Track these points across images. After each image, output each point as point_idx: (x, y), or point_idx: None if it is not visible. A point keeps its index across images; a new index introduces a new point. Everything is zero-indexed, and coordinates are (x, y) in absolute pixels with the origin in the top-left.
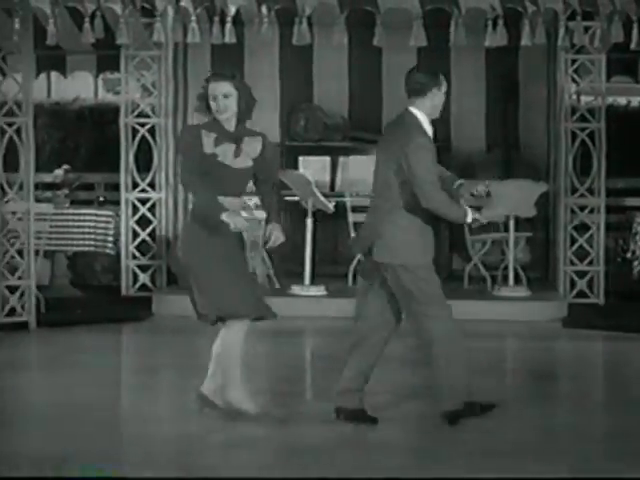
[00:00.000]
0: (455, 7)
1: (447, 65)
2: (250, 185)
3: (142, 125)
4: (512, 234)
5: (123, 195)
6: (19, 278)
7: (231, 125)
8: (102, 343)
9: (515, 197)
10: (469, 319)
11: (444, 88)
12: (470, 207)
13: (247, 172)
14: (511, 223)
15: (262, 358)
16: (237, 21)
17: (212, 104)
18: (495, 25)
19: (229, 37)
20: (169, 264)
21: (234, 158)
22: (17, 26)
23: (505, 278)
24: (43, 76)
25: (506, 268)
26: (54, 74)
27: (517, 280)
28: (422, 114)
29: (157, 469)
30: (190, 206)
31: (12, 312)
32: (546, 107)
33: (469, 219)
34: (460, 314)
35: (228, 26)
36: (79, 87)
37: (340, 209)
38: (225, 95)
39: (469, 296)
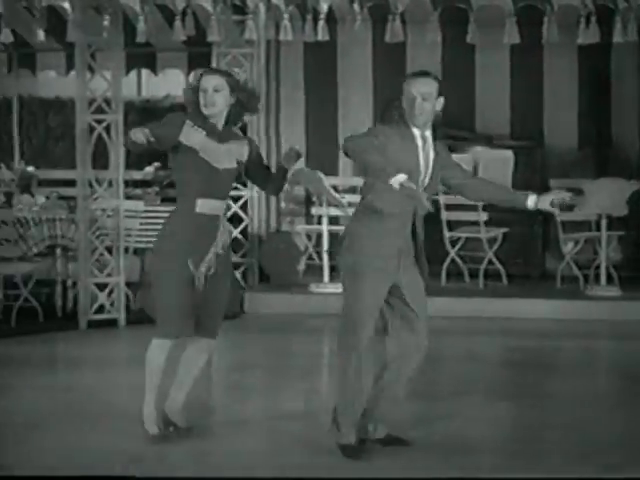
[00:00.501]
0: (547, 4)
1: (540, 62)
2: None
3: None
4: (604, 233)
5: None
6: (108, 275)
7: (218, 124)
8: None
9: (607, 196)
10: (562, 319)
11: (406, 91)
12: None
13: (230, 174)
14: (603, 222)
15: None
16: (330, 19)
17: (201, 97)
18: (587, 22)
19: (322, 35)
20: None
21: (219, 157)
22: (106, 23)
23: (597, 277)
24: (133, 73)
25: (598, 267)
26: (145, 71)
27: (609, 279)
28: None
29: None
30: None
31: (101, 309)
32: (638, 104)
33: (394, 182)
34: (553, 314)
35: (321, 23)
36: (170, 84)
37: (434, 207)
38: (216, 89)
39: (562, 296)
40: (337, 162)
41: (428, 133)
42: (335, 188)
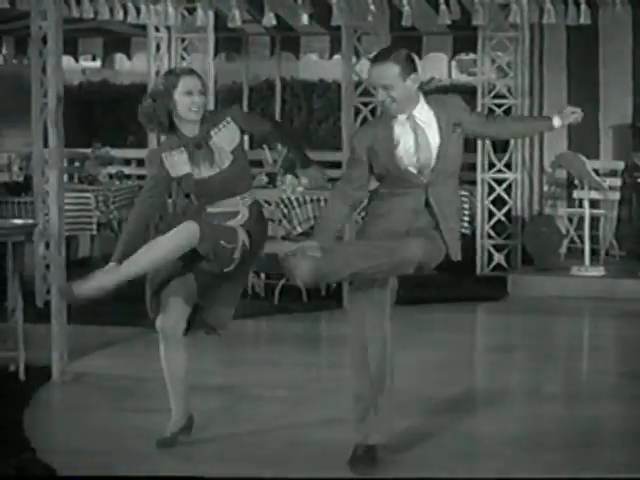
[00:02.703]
0: None
1: None
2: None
3: (499, 106)
4: None
5: (479, 175)
6: None
7: (194, 128)
8: (456, 322)
9: None
10: None
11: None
12: None
13: (230, 173)
14: None
15: (611, 340)
16: (592, 2)
17: (185, 100)
18: None
19: (584, 18)
20: None
21: (207, 167)
22: (372, 7)
23: None
24: None
25: None
26: None
27: None
28: None
29: None
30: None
31: None
32: None
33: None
34: None
35: (583, 7)
36: (434, 68)
37: None
38: (201, 91)
39: None
40: (598, 145)
41: (416, 110)
42: (596, 171)
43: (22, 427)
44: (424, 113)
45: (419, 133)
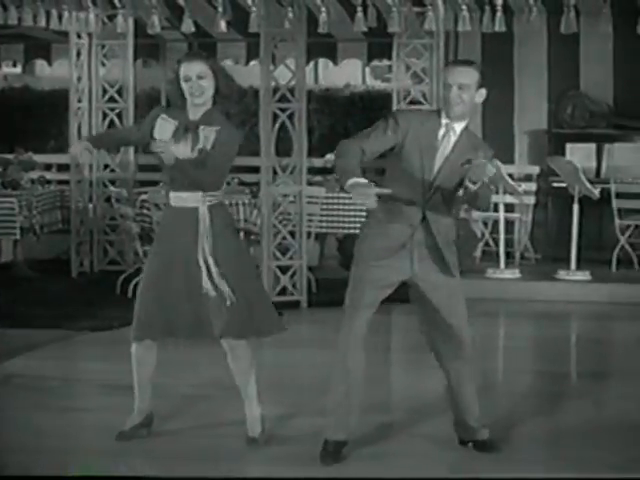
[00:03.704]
0: None
1: None
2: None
3: None
4: None
5: None
6: (290, 258)
7: (199, 112)
8: (373, 323)
9: None
10: None
11: (443, 79)
12: None
13: (192, 163)
14: None
15: (527, 340)
16: (507, 10)
17: (184, 86)
18: None
19: (499, 26)
20: None
21: (182, 149)
22: (290, 15)
23: None
24: (311, 63)
25: None
26: (323, 61)
27: None
28: None
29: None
30: None
31: (283, 291)
32: None
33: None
34: None
35: (498, 15)
36: (349, 74)
37: (605, 195)
38: (199, 76)
39: None
40: (513, 150)
41: (458, 125)
42: (511, 176)
43: None
44: (456, 132)
45: (444, 146)
